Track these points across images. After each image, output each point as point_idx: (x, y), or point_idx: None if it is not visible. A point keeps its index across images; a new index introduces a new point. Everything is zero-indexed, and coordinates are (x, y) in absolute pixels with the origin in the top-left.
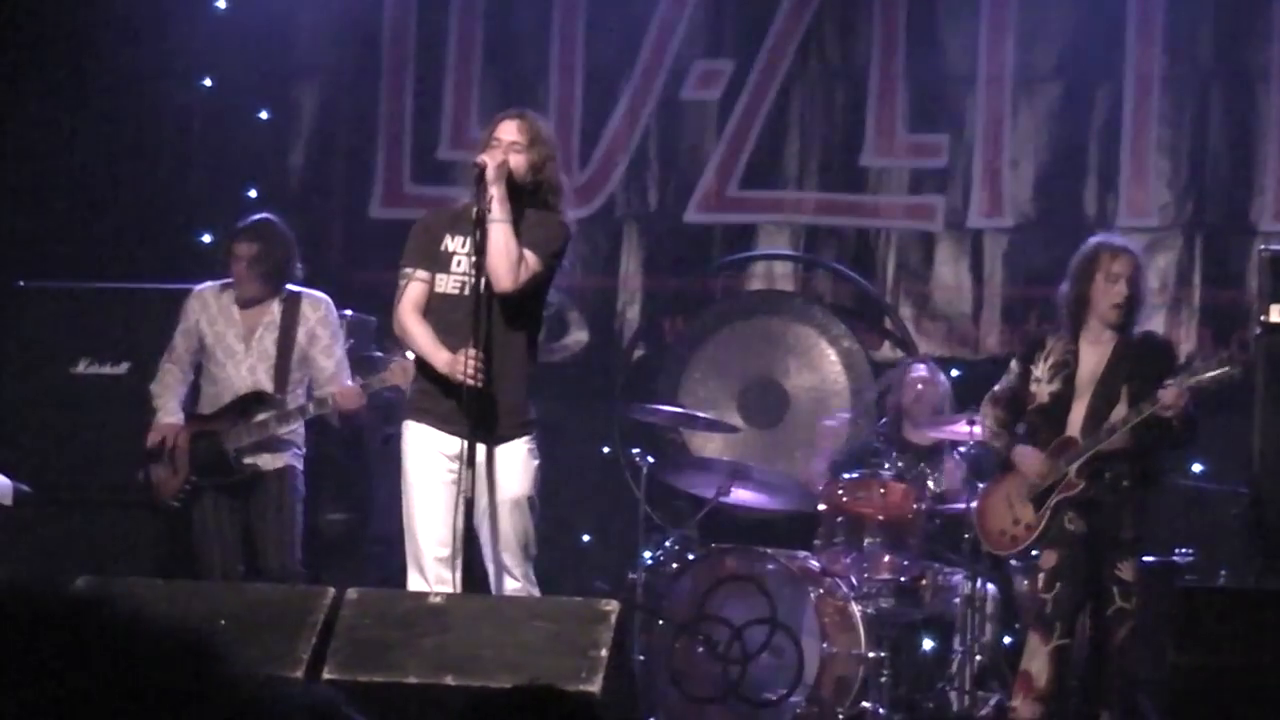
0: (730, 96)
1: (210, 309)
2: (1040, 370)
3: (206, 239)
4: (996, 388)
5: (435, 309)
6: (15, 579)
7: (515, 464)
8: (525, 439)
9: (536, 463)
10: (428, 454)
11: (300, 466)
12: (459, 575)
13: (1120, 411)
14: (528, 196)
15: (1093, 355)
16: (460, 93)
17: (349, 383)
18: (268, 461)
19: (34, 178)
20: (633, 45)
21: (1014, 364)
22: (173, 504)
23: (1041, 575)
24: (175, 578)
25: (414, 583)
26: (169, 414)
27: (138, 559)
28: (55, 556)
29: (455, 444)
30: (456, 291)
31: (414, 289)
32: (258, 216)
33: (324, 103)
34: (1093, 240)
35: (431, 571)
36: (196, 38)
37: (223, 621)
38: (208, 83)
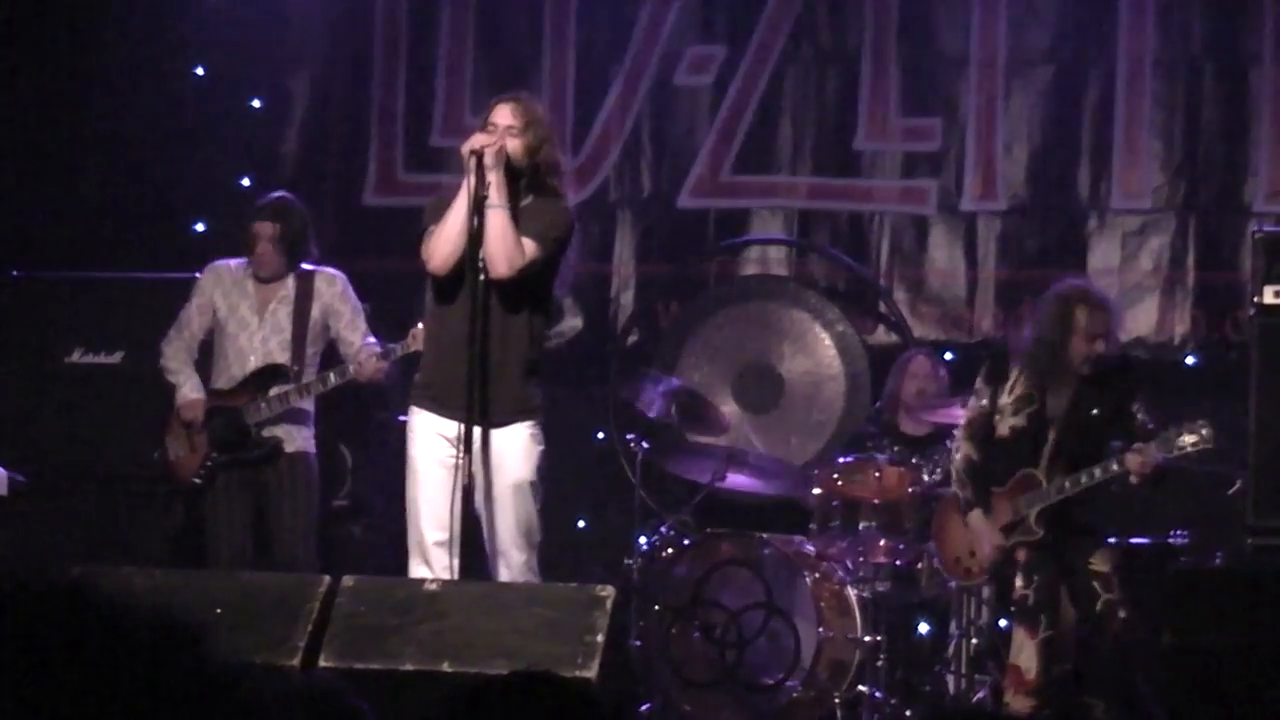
0: (723, 81)
1: (225, 281)
2: (1004, 400)
3: (200, 228)
4: (969, 415)
5: (443, 284)
6: (6, 569)
7: (516, 448)
8: (527, 424)
9: (540, 448)
10: (429, 438)
11: (314, 450)
12: (457, 561)
13: (1089, 453)
14: (526, 179)
15: (1058, 391)
16: (453, 80)
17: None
18: (288, 435)
19: (26, 167)
20: (625, 31)
21: (980, 385)
22: (195, 482)
23: (1019, 572)
24: (177, 566)
25: (415, 569)
26: (194, 389)
27: (135, 547)
28: (51, 546)
29: (455, 428)
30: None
31: None
32: (275, 195)
33: (316, 90)
34: (1066, 286)
35: (432, 557)
36: (189, 26)
37: (218, 610)
38: (200, 71)
